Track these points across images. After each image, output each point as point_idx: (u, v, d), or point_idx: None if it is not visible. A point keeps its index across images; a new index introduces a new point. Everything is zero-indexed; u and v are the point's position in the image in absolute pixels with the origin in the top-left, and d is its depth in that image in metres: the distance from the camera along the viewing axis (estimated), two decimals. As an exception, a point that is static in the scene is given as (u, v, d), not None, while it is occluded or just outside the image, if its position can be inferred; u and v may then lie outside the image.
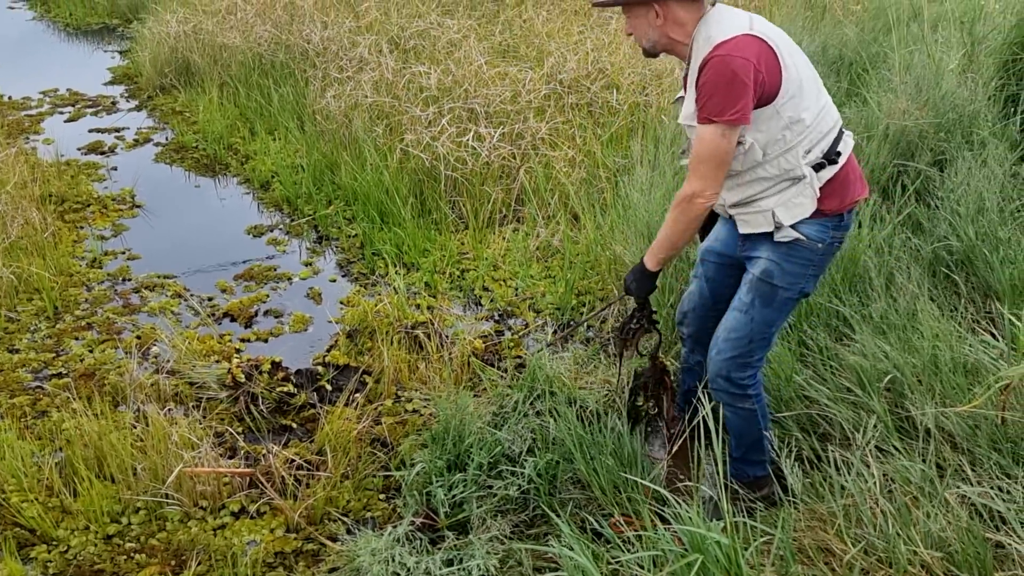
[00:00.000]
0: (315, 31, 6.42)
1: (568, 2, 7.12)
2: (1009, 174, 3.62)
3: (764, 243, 2.46)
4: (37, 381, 3.50)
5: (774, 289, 2.45)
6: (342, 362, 3.62)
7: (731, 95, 2.19)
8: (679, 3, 2.32)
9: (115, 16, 9.16)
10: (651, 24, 2.37)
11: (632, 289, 2.65)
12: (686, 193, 2.34)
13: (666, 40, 2.38)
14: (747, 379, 2.56)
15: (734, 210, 2.46)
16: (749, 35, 2.24)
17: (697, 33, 2.31)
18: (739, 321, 2.51)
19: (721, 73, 2.20)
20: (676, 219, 2.40)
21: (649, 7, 2.35)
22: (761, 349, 2.55)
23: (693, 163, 2.31)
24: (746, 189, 2.39)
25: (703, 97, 2.24)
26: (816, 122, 2.32)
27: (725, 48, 2.21)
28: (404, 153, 4.84)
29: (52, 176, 5.20)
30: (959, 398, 2.56)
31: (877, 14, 6.12)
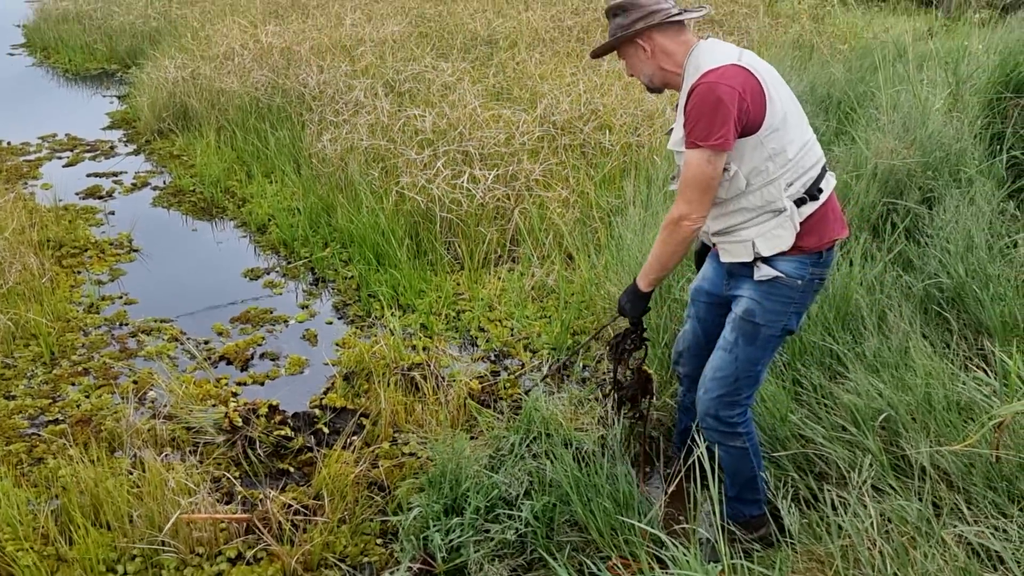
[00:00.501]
0: (311, 75, 6.52)
1: (560, 45, 7.24)
2: (997, 211, 3.67)
3: (746, 281, 2.51)
4: (33, 428, 3.49)
5: (756, 327, 2.49)
6: (339, 404, 3.62)
7: (715, 121, 2.26)
8: (661, 33, 2.44)
9: (114, 62, 9.28)
10: (643, 60, 2.50)
11: (626, 310, 2.71)
12: (674, 216, 2.41)
13: (661, 72, 2.49)
14: (736, 417, 2.59)
15: (717, 238, 2.53)
16: (737, 65, 2.32)
17: (688, 63, 2.41)
18: (724, 360, 2.55)
19: (706, 99, 2.27)
20: (665, 241, 2.47)
21: (636, 44, 2.47)
22: (748, 387, 2.57)
23: (681, 187, 2.39)
24: (729, 218, 2.45)
25: (690, 122, 2.31)
26: (799, 157, 2.37)
27: (712, 76, 2.29)
28: (400, 195, 4.89)
29: (50, 221, 5.24)
30: (953, 436, 2.58)
31: (863, 54, 6.24)
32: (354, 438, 3.35)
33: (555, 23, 7.88)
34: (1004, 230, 3.60)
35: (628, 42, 2.48)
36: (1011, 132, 4.08)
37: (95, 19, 9.82)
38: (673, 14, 2.43)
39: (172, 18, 9.25)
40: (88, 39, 9.56)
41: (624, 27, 2.46)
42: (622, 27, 2.47)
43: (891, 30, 7.48)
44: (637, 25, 2.43)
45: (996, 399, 2.60)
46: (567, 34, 7.58)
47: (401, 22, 7.93)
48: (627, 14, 2.46)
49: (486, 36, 7.54)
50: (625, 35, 2.46)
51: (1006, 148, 4.03)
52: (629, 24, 2.45)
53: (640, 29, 2.43)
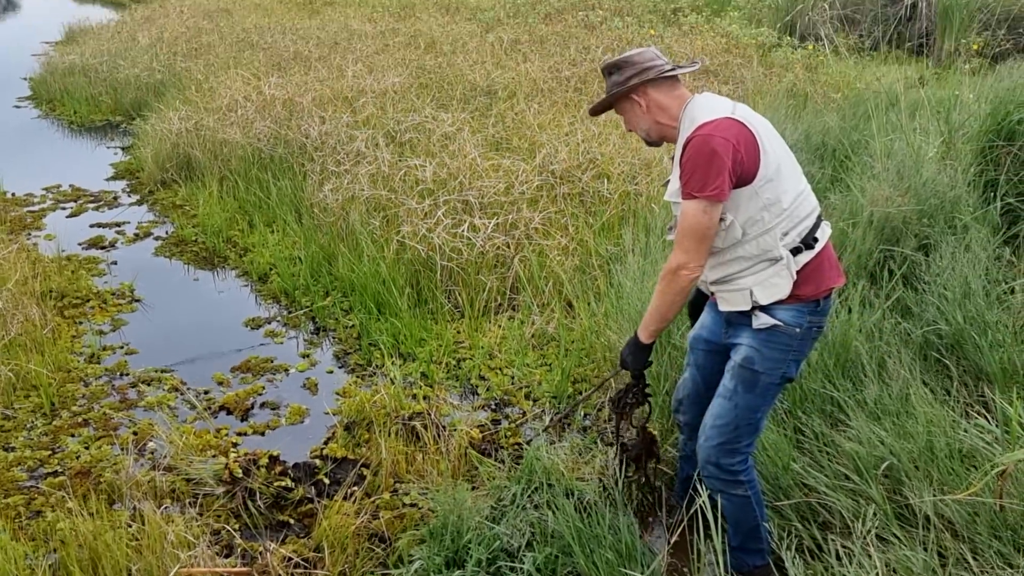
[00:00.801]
0: (313, 126, 6.61)
1: (558, 95, 7.36)
2: (993, 257, 3.70)
3: (745, 329, 2.53)
4: (32, 480, 3.47)
5: (755, 375, 2.50)
6: (340, 455, 3.61)
7: (711, 172, 2.31)
8: (655, 88, 2.52)
9: (119, 113, 9.41)
10: (639, 115, 2.58)
11: (628, 363, 2.73)
12: (671, 266, 2.44)
13: (657, 126, 2.56)
14: (737, 465, 2.59)
15: (715, 287, 2.56)
16: (731, 118, 2.39)
17: (683, 116, 2.48)
18: (724, 408, 2.57)
19: (702, 151, 2.33)
20: (663, 291, 2.49)
21: (632, 100, 2.55)
22: (748, 435, 2.58)
23: (678, 237, 2.42)
24: (726, 267, 2.48)
25: (686, 174, 2.36)
26: (794, 207, 2.41)
27: (707, 128, 2.35)
28: (401, 244, 4.93)
29: (53, 272, 5.27)
30: (957, 484, 2.57)
31: (856, 102, 6.34)
32: (355, 488, 3.34)
33: (553, 74, 8.01)
34: (1001, 276, 3.63)
35: (624, 98, 2.56)
36: (1004, 179, 4.13)
37: (101, 72, 9.98)
38: (666, 70, 2.51)
39: (176, 71, 9.39)
40: (93, 91, 9.70)
41: (620, 84, 2.54)
42: (618, 84, 2.55)
43: (883, 79, 7.60)
44: (632, 81, 2.51)
45: (998, 446, 2.60)
46: (565, 85, 7.71)
47: (402, 74, 8.06)
48: (622, 71, 2.54)
49: (485, 87, 7.66)
50: (621, 91, 2.54)
51: (1000, 195, 4.07)
52: (624, 81, 2.53)
53: (635, 85, 2.51)
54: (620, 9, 11.72)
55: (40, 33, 13.81)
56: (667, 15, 11.48)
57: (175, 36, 10.87)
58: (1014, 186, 4.14)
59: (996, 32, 9.32)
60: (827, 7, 10.52)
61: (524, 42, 9.58)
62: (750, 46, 9.22)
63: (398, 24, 11.18)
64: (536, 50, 9.09)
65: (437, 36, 10.11)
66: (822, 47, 9.52)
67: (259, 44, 10.00)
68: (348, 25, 11.03)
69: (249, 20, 11.87)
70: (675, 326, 3.56)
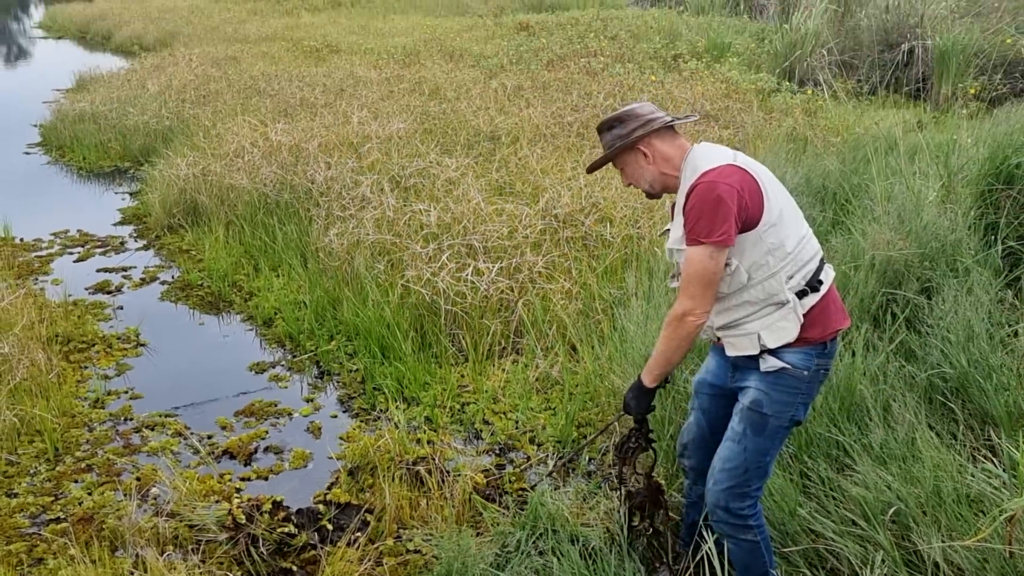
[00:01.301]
0: (319, 171, 6.68)
1: (561, 140, 7.45)
2: (995, 300, 3.72)
3: (752, 373, 2.54)
4: (35, 526, 3.46)
5: (764, 418, 2.50)
6: (343, 500, 3.59)
7: (717, 218, 2.34)
8: (659, 139, 2.56)
9: (127, 159, 9.52)
10: (643, 166, 2.59)
11: (631, 407, 2.71)
12: (677, 312, 2.45)
13: (662, 177, 2.58)
14: (746, 509, 2.57)
15: (722, 332, 2.57)
16: (733, 165, 2.43)
17: (685, 165, 2.51)
18: (732, 451, 2.56)
19: (706, 198, 2.36)
20: (669, 337, 2.50)
21: (636, 152, 2.57)
22: (758, 478, 2.57)
23: (683, 283, 2.44)
24: (733, 312, 2.50)
25: (690, 221, 2.39)
26: (797, 250, 2.44)
27: (711, 175, 2.39)
28: (405, 288, 4.96)
29: (59, 317, 5.29)
30: (965, 530, 2.55)
31: (856, 146, 6.40)
32: (358, 534, 3.32)
33: (556, 119, 8.11)
34: (1004, 319, 3.64)
35: (629, 150, 2.59)
36: (1004, 222, 4.16)
37: (110, 119, 10.12)
38: (668, 121, 2.56)
39: (184, 117, 9.53)
40: (103, 138, 9.82)
41: (623, 136, 2.57)
42: (621, 137, 2.57)
43: (881, 123, 7.69)
44: (636, 133, 2.54)
45: (1006, 491, 2.59)
46: (567, 130, 7.80)
47: (406, 119, 8.17)
48: (624, 124, 2.57)
49: (489, 132, 7.76)
50: (626, 143, 2.56)
51: (1001, 238, 4.10)
52: (628, 133, 2.56)
53: (640, 136, 2.54)
54: (621, 56, 11.90)
55: (52, 80, 14.03)
56: (667, 61, 11.66)
57: (184, 83, 11.04)
58: (1015, 229, 4.17)
59: (992, 76, 9.44)
60: (825, 53, 10.69)
61: (527, 88, 9.72)
62: (750, 91, 9.34)
63: (403, 71, 11.36)
64: (539, 96, 9.22)
65: (441, 82, 10.26)
66: (821, 92, 9.65)
67: (266, 91, 10.15)
68: (354, 72, 11.20)
69: (257, 68, 12.06)
70: (678, 370, 3.56)
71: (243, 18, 20.10)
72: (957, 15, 11.06)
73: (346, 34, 16.43)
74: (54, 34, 22.76)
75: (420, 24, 17.77)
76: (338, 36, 15.93)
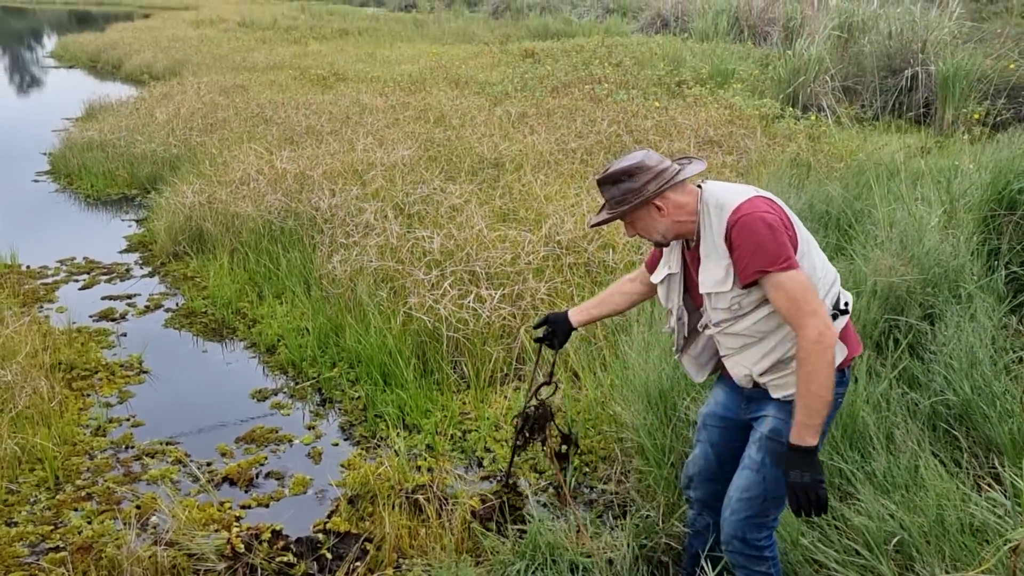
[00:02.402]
0: (324, 199, 6.72)
1: (564, 167, 7.48)
2: (999, 326, 3.69)
3: (770, 402, 2.51)
4: (34, 555, 3.44)
5: (784, 447, 2.46)
6: (343, 529, 3.57)
7: (778, 241, 2.29)
8: (674, 191, 2.45)
9: (134, 187, 9.59)
10: (657, 219, 2.48)
11: (809, 481, 2.29)
12: (812, 337, 2.24)
13: (675, 226, 2.48)
14: (763, 540, 2.54)
15: (766, 377, 2.46)
16: (760, 197, 2.39)
17: (705, 205, 2.43)
18: (751, 480, 2.52)
19: (759, 228, 2.30)
20: (817, 369, 2.24)
21: (650, 206, 2.46)
22: (775, 508, 2.54)
23: (794, 309, 2.27)
24: (778, 350, 2.42)
25: (748, 254, 2.30)
26: (824, 274, 2.43)
27: (748, 207, 2.34)
28: (407, 315, 4.96)
29: (63, 344, 5.31)
30: (969, 560, 2.52)
31: (859, 171, 6.41)
32: (357, 564, 3.29)
33: (559, 146, 8.15)
34: (1008, 345, 3.62)
35: (642, 206, 2.47)
36: (1007, 247, 4.15)
37: (118, 147, 10.20)
38: (678, 171, 2.47)
39: (192, 145, 9.61)
40: (110, 166, 9.90)
41: (636, 192, 2.44)
42: (634, 192, 2.45)
43: (885, 148, 7.70)
44: (650, 187, 2.43)
45: (1010, 520, 2.55)
46: (571, 156, 7.84)
47: (411, 147, 8.22)
48: (635, 178, 2.45)
49: (493, 159, 7.79)
50: (641, 200, 2.44)
51: (1003, 263, 4.08)
52: (641, 188, 2.44)
53: (655, 191, 2.43)
54: (625, 82, 11.98)
55: (61, 109, 14.19)
56: (671, 88, 11.73)
57: (192, 111, 11.14)
58: (1017, 255, 4.16)
59: (995, 101, 9.46)
60: (829, 79, 10.75)
61: (531, 115, 9.78)
62: (753, 117, 9.38)
63: (408, 98, 11.45)
64: (543, 123, 9.27)
65: (446, 110, 10.34)
66: (825, 117, 9.69)
67: (273, 119, 10.24)
68: (359, 100, 11.30)
69: (264, 96, 12.18)
70: (679, 396, 3.55)
71: (251, 47, 20.33)
72: (960, 41, 11.12)
73: (353, 62, 16.60)
74: (65, 63, 23.04)
75: (426, 52, 17.95)
76: (345, 64, 16.09)
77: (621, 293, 2.96)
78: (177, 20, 30.07)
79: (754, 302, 2.40)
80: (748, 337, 2.45)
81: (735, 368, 2.53)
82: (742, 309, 2.42)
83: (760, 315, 2.41)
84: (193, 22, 28.75)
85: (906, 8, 11.45)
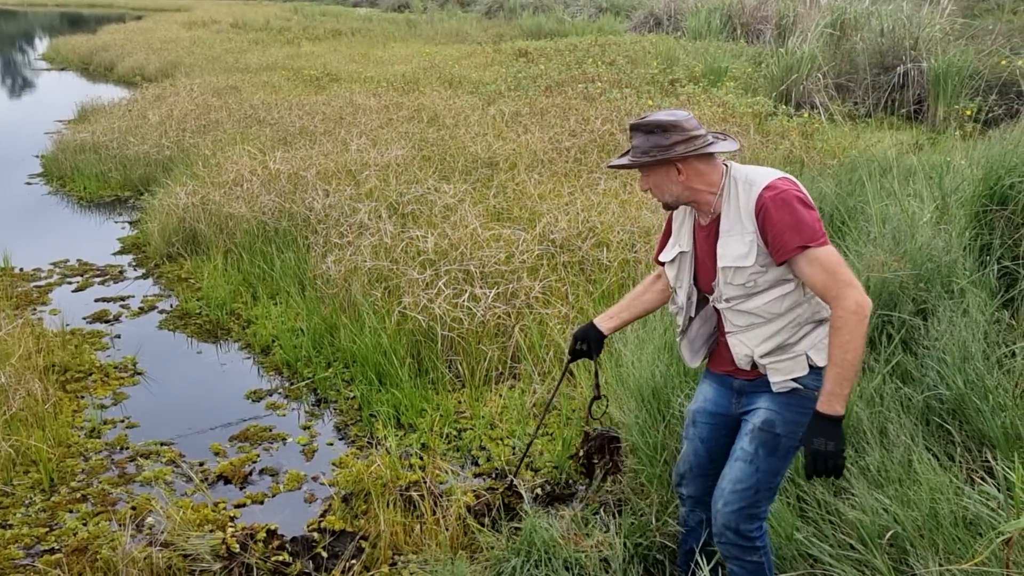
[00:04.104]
0: (317, 199, 6.71)
1: (559, 165, 7.49)
2: (991, 321, 3.70)
3: (762, 394, 2.53)
4: (29, 557, 3.44)
5: (776, 438, 2.49)
6: (338, 527, 3.57)
7: (813, 217, 2.33)
8: (698, 159, 2.46)
9: (127, 189, 9.57)
10: (672, 180, 2.49)
11: (837, 447, 2.32)
12: (849, 306, 2.26)
13: (688, 192, 2.50)
14: (755, 531, 2.56)
15: (767, 359, 2.48)
16: (787, 178, 2.41)
17: (733, 180, 2.45)
18: (744, 471, 2.53)
19: (794, 204, 2.32)
20: (854, 338, 2.26)
21: (670, 165, 2.47)
22: (767, 500, 2.57)
23: (832, 281, 2.28)
24: (782, 334, 2.45)
25: (787, 230, 2.31)
26: None
27: (777, 186, 2.36)
28: (402, 315, 4.96)
29: (56, 346, 5.30)
30: (962, 553, 2.53)
31: (852, 168, 6.43)
32: (353, 562, 3.29)
33: (553, 145, 8.16)
34: (1000, 339, 3.63)
35: (664, 163, 2.47)
36: (999, 242, 4.16)
37: (111, 149, 10.17)
38: (710, 142, 2.46)
39: (185, 147, 9.59)
40: (103, 168, 9.87)
41: (663, 148, 2.44)
42: (660, 148, 2.44)
43: (878, 145, 7.73)
44: (677, 149, 2.43)
45: (1002, 513, 2.56)
46: (565, 155, 7.85)
47: (405, 146, 8.22)
48: (667, 134, 2.43)
49: (487, 158, 7.80)
50: (664, 158, 2.44)
51: (995, 258, 4.10)
52: (669, 146, 2.43)
53: (681, 155, 2.43)
54: (619, 81, 12.00)
55: (54, 111, 14.16)
56: (665, 86, 11.74)
57: (184, 113, 11.12)
58: (1009, 249, 4.17)
59: (987, 97, 9.50)
60: (821, 76, 10.77)
61: (525, 114, 9.78)
62: (746, 115, 9.40)
63: (402, 98, 11.44)
64: (536, 122, 9.28)
65: (440, 110, 10.34)
66: (817, 115, 9.71)
67: (266, 120, 10.23)
68: (353, 100, 11.29)
69: (257, 97, 12.16)
70: (673, 392, 3.55)
71: (244, 48, 20.30)
72: (951, 37, 11.16)
73: (346, 63, 16.58)
74: (57, 65, 22.98)
75: (420, 52, 17.94)
76: (338, 65, 16.08)
77: (653, 291, 2.93)
78: (169, 22, 30.01)
79: (769, 281, 2.43)
80: (757, 316, 2.47)
81: (737, 347, 2.53)
82: (757, 287, 2.43)
83: (773, 295, 2.44)
84: (185, 24, 28.68)
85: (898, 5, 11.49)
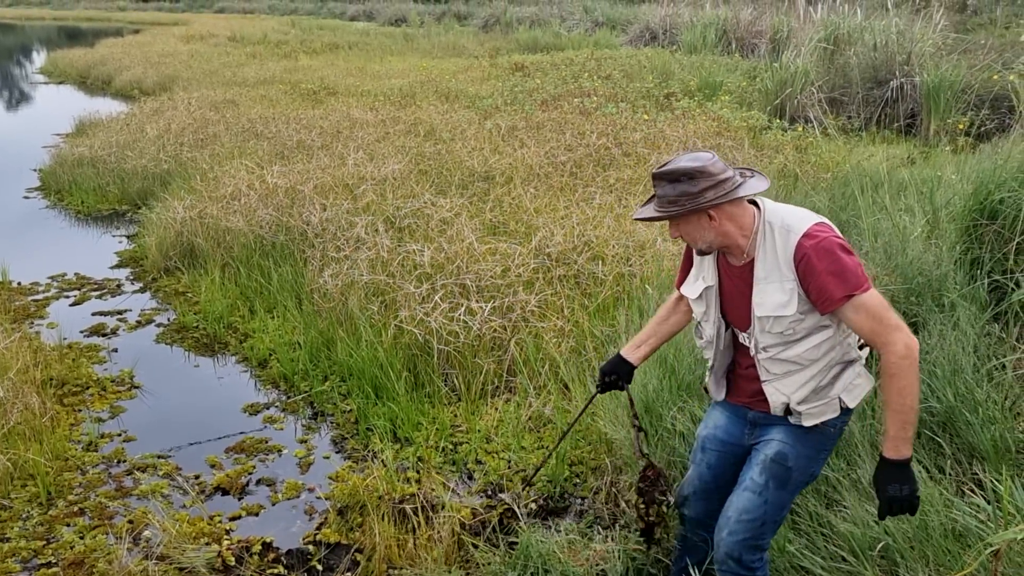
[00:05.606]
0: (315, 213, 6.75)
1: (554, 180, 7.53)
2: (982, 334, 3.74)
3: (776, 426, 2.54)
4: (26, 572, 3.45)
5: (788, 471, 2.49)
6: (333, 540, 3.59)
7: (856, 263, 2.30)
8: (730, 203, 2.38)
9: (125, 203, 9.60)
10: (705, 227, 2.42)
11: (908, 495, 2.30)
12: (901, 352, 2.24)
13: (721, 238, 2.43)
14: (756, 562, 2.57)
15: (804, 406, 2.45)
16: (824, 223, 2.39)
17: (768, 225, 2.39)
18: (752, 503, 2.52)
19: (837, 252, 2.29)
20: (910, 383, 2.25)
21: (702, 213, 2.39)
22: (771, 532, 2.58)
23: (880, 327, 2.26)
24: (817, 379, 2.42)
25: (832, 280, 2.27)
26: None
27: (817, 233, 2.32)
28: (398, 329, 4.99)
29: (54, 360, 5.32)
30: (952, 564, 2.56)
31: (845, 182, 6.48)
32: (348, 575, 3.31)
33: (549, 159, 8.21)
34: (991, 352, 3.67)
35: (693, 212, 2.39)
36: (989, 256, 4.20)
37: (109, 163, 10.21)
38: (739, 183, 2.39)
39: (183, 161, 9.63)
40: (101, 182, 9.91)
41: (692, 197, 2.36)
42: (689, 196, 2.36)
43: (871, 159, 7.79)
44: (707, 196, 2.35)
45: (991, 525, 2.60)
46: (560, 169, 7.89)
47: (401, 161, 8.27)
48: (695, 182, 2.35)
49: (483, 173, 7.84)
50: (695, 207, 2.36)
51: (985, 272, 4.14)
52: (698, 193, 2.36)
53: (711, 202, 2.35)
54: (615, 95, 12.08)
55: (52, 125, 14.20)
56: (660, 100, 11.82)
57: (182, 127, 11.17)
58: (999, 263, 4.21)
59: (979, 112, 9.58)
60: (815, 90, 10.86)
61: (521, 128, 9.84)
62: (741, 129, 9.46)
63: (399, 112, 11.50)
64: (532, 136, 9.34)
65: (436, 124, 10.40)
66: (811, 129, 9.78)
67: (263, 134, 10.28)
68: (350, 114, 11.35)
69: (254, 111, 12.22)
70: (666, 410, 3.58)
71: (242, 62, 20.39)
72: (944, 52, 11.26)
73: (343, 76, 16.66)
74: (55, 79, 23.05)
75: (416, 66, 18.03)
76: (335, 79, 16.15)
77: (677, 312, 2.85)
78: (167, 35, 30.14)
79: (807, 328, 2.38)
80: (794, 364, 2.43)
81: (774, 395, 2.49)
82: (796, 335, 2.39)
83: (812, 343, 2.40)
84: (183, 37, 28.81)
85: (891, 20, 11.60)
